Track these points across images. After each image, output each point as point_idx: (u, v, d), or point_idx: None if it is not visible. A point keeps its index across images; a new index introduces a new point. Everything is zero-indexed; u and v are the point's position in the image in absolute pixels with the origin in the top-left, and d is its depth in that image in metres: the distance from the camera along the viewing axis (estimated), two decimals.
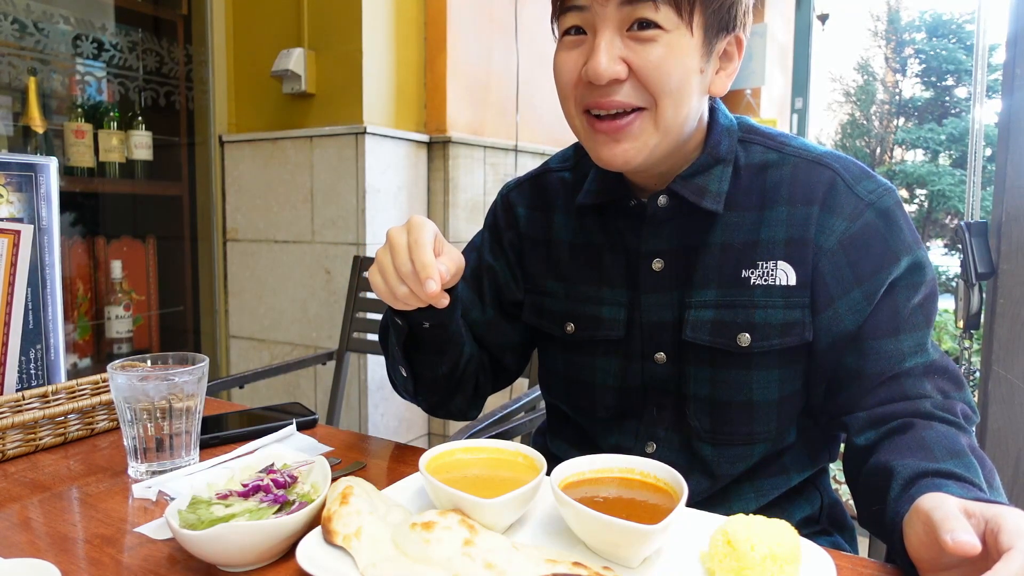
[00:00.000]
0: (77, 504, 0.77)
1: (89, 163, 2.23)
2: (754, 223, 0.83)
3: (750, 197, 0.83)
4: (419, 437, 2.53)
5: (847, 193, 0.80)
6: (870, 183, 0.82)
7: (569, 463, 0.71)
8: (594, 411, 0.93)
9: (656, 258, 0.86)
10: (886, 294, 0.79)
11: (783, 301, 0.81)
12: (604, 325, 0.90)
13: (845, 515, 0.96)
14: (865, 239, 0.79)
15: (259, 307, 2.48)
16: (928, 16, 4.25)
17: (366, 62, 2.24)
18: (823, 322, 0.81)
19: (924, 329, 0.80)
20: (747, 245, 0.82)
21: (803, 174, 0.82)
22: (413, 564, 0.60)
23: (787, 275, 0.81)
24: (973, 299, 1.61)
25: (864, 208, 0.80)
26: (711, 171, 0.83)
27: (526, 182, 1.02)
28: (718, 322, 0.83)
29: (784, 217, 0.81)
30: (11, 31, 2.10)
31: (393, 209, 2.35)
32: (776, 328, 0.81)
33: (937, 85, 4.20)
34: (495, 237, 1.02)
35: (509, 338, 1.01)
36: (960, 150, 3.95)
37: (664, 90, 0.76)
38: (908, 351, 0.79)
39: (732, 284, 0.83)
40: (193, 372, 0.84)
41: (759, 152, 0.85)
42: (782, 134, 0.87)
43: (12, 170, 0.95)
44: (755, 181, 0.84)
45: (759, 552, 0.57)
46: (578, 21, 0.77)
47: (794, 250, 0.81)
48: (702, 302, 0.84)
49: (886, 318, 0.79)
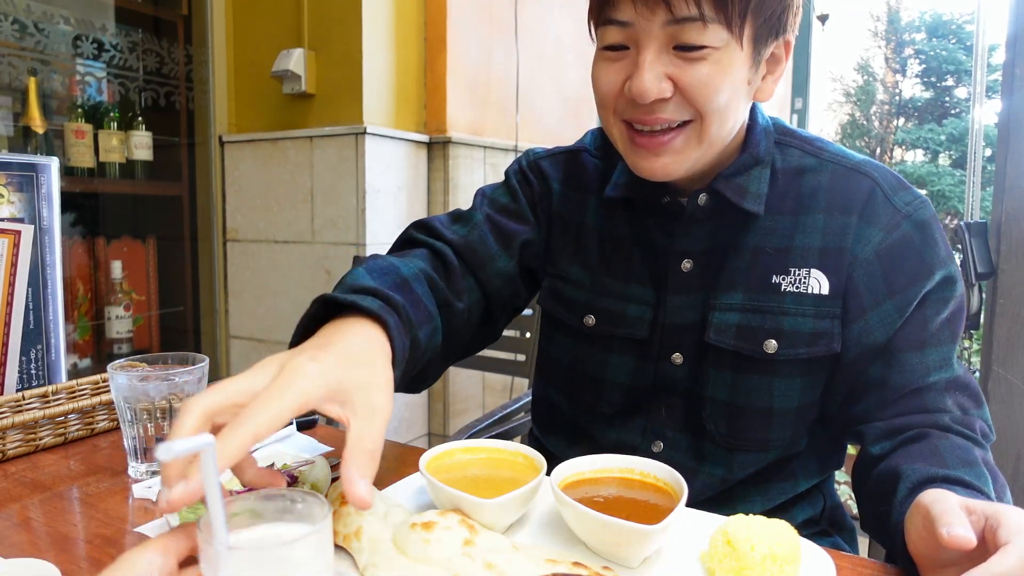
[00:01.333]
0: (77, 504, 0.77)
1: (89, 163, 2.23)
2: (789, 229, 0.81)
3: (785, 202, 0.82)
4: (419, 437, 2.53)
5: (885, 204, 0.79)
6: (907, 195, 0.80)
7: (569, 463, 0.70)
8: (597, 407, 0.91)
9: (686, 258, 0.84)
10: (917, 307, 0.78)
11: (814, 310, 0.80)
12: (627, 323, 0.88)
13: (845, 516, 0.96)
14: (901, 251, 0.78)
15: (259, 307, 2.48)
16: (928, 16, 4.25)
17: (366, 62, 2.24)
18: (853, 333, 0.79)
19: (950, 344, 0.79)
20: (780, 251, 0.81)
21: (841, 182, 0.81)
22: (413, 564, 0.60)
23: (820, 284, 0.79)
24: (973, 299, 1.61)
25: (901, 220, 0.78)
26: (751, 172, 0.82)
27: (561, 156, 0.96)
28: (744, 327, 0.81)
29: (821, 225, 0.80)
30: (11, 31, 2.10)
31: (393, 209, 2.35)
32: (804, 337, 0.80)
33: (937, 85, 4.20)
34: (530, 200, 0.95)
35: (513, 298, 0.95)
36: (960, 150, 3.95)
37: (711, 107, 0.73)
38: (933, 365, 0.78)
39: (762, 289, 0.81)
40: (193, 372, 0.84)
41: (796, 156, 0.84)
42: (818, 138, 0.86)
43: (13, 170, 0.95)
44: (791, 185, 0.82)
45: (759, 552, 0.57)
46: (620, 38, 0.74)
47: (829, 259, 0.79)
48: (727, 305, 0.82)
49: (914, 331, 0.78)
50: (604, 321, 0.89)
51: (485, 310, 0.92)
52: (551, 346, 0.97)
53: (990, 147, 3.08)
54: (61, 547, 0.67)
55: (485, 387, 2.66)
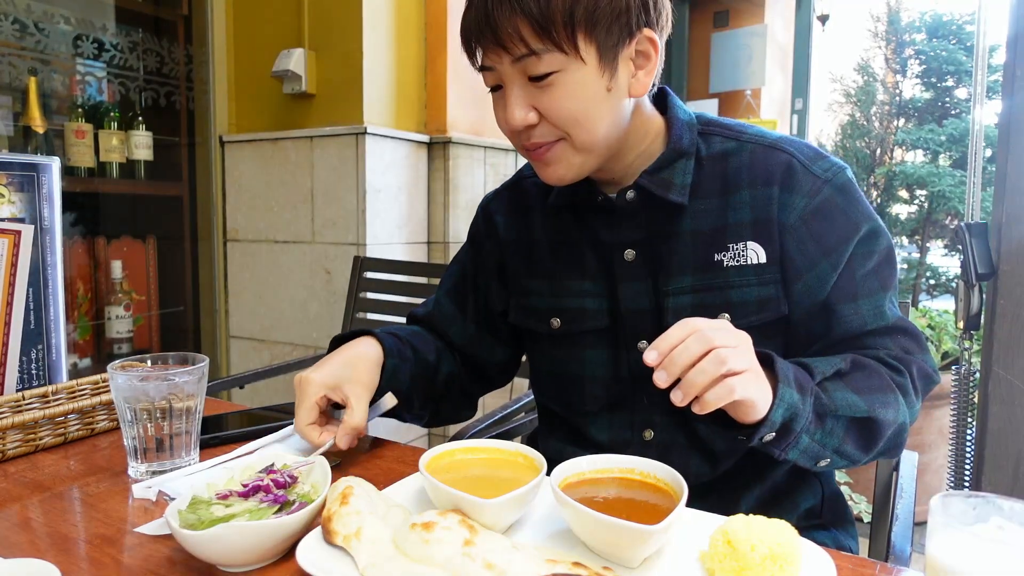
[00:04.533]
0: (77, 504, 0.77)
1: (89, 163, 2.23)
2: (720, 208, 0.86)
3: (713, 185, 0.87)
4: (419, 437, 2.53)
5: (804, 172, 0.84)
6: (824, 163, 0.86)
7: (569, 463, 0.71)
8: (584, 405, 0.95)
9: (627, 248, 0.89)
10: (847, 262, 0.84)
11: (756, 279, 0.85)
12: (588, 316, 0.93)
13: (846, 508, 0.97)
14: (826, 213, 0.84)
15: (259, 307, 2.48)
16: (928, 17, 4.24)
17: (366, 62, 2.24)
18: (795, 295, 0.85)
19: (880, 293, 0.85)
20: (716, 230, 0.86)
21: (760, 158, 0.86)
22: (413, 564, 0.60)
23: (757, 254, 0.85)
24: (973, 300, 1.61)
25: (822, 185, 0.84)
26: (675, 165, 0.87)
27: (504, 191, 1.06)
28: (698, 306, 0.86)
29: (748, 200, 0.85)
30: (11, 31, 2.10)
31: (393, 209, 2.35)
32: (752, 305, 0.85)
33: (937, 86, 4.20)
34: (476, 249, 1.06)
35: (492, 353, 1.06)
36: (960, 151, 3.95)
37: (570, 123, 0.80)
38: (867, 315, 0.84)
39: (706, 268, 0.86)
40: (193, 372, 0.84)
41: (718, 142, 0.89)
42: (739, 123, 0.91)
43: (14, 170, 0.95)
44: (716, 169, 0.87)
45: (759, 552, 0.57)
46: (493, 80, 0.83)
47: (760, 229, 0.84)
48: (679, 289, 0.87)
49: (845, 284, 0.84)
50: (568, 320, 0.95)
51: (472, 370, 1.06)
52: (532, 358, 1.05)
53: (990, 148, 3.08)
54: (61, 547, 0.67)
55: None
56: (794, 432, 0.73)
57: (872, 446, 0.80)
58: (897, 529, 0.93)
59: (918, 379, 0.83)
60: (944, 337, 2.91)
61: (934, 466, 2.67)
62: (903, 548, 0.88)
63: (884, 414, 0.78)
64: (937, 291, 4.14)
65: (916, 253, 4.08)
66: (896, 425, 0.80)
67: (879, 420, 0.78)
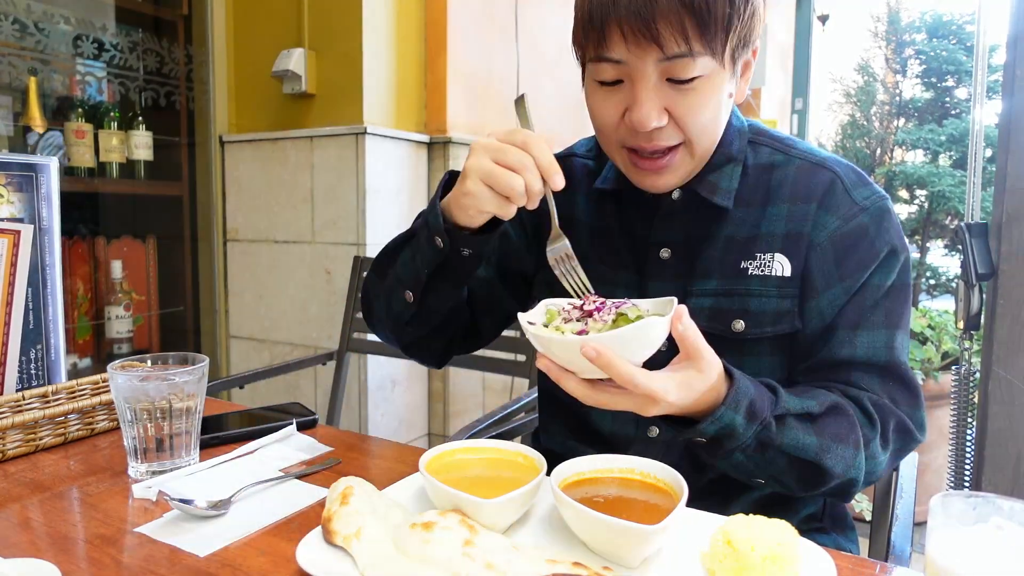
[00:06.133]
0: (77, 504, 0.77)
1: (89, 163, 2.23)
2: (757, 218, 0.86)
3: (755, 194, 0.87)
4: (419, 437, 2.53)
5: (844, 195, 0.85)
6: (866, 190, 0.86)
7: (569, 463, 0.71)
8: None
9: (664, 247, 0.89)
10: (859, 289, 0.83)
11: (777, 291, 0.85)
12: None
13: (846, 514, 0.97)
14: (855, 238, 0.83)
15: (259, 307, 2.48)
16: (928, 17, 4.24)
17: (366, 62, 2.24)
18: (807, 313, 0.85)
19: (882, 330, 0.83)
20: (749, 239, 0.86)
21: (805, 175, 0.87)
22: (413, 564, 0.60)
23: (783, 267, 0.85)
24: (973, 300, 1.61)
25: (859, 212, 0.84)
26: (723, 169, 0.87)
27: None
28: (715, 309, 0.86)
29: (785, 213, 0.86)
30: (11, 31, 2.10)
31: (393, 209, 2.35)
32: (769, 316, 0.85)
33: (937, 86, 4.19)
34: None
35: (496, 301, 1.02)
36: (960, 151, 3.94)
37: (698, 129, 0.79)
38: (861, 347, 0.82)
39: (732, 275, 0.86)
40: (193, 372, 0.84)
41: (767, 153, 0.89)
42: (789, 138, 0.91)
43: (13, 170, 0.95)
44: (761, 180, 0.88)
45: (759, 552, 0.57)
46: (614, 75, 0.78)
47: (791, 243, 0.84)
48: (703, 291, 0.87)
49: (850, 311, 0.83)
50: None
51: (471, 313, 1.00)
52: None
53: (990, 148, 3.08)
54: (61, 547, 0.67)
55: (485, 387, 2.66)
56: (725, 448, 0.73)
57: (813, 487, 0.78)
58: (897, 529, 0.93)
59: (893, 433, 0.81)
60: (944, 337, 2.91)
61: (934, 466, 2.67)
62: (903, 548, 0.88)
63: (832, 465, 0.76)
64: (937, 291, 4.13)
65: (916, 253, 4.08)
66: (844, 479, 0.78)
67: (825, 468, 0.76)
